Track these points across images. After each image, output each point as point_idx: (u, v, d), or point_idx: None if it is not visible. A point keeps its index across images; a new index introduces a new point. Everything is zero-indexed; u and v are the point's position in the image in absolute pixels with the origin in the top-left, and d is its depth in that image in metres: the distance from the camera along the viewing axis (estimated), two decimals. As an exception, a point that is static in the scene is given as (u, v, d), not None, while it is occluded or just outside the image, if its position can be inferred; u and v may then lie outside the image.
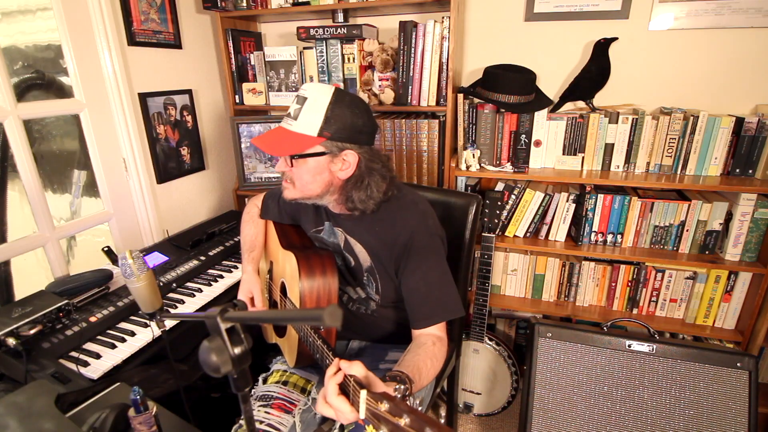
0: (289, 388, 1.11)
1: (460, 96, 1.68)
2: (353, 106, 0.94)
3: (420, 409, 0.59)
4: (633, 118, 1.57)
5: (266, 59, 1.91)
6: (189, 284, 1.47)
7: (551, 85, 1.79)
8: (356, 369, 0.70)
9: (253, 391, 1.12)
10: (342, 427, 0.99)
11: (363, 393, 0.63)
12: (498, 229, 1.70)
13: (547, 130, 1.67)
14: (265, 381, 1.17)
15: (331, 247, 1.15)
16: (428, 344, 0.95)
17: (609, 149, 1.63)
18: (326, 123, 0.92)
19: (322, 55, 1.78)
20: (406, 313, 1.03)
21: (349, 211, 1.03)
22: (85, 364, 1.10)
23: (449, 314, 1.00)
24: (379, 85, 1.78)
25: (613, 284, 1.75)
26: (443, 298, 1.01)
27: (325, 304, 1.04)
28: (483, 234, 1.58)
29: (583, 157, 1.66)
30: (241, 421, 1.04)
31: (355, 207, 1.00)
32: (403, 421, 0.55)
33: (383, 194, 1.00)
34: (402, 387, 0.73)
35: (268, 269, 1.35)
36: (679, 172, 1.59)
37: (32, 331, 1.11)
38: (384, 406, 0.59)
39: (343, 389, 0.69)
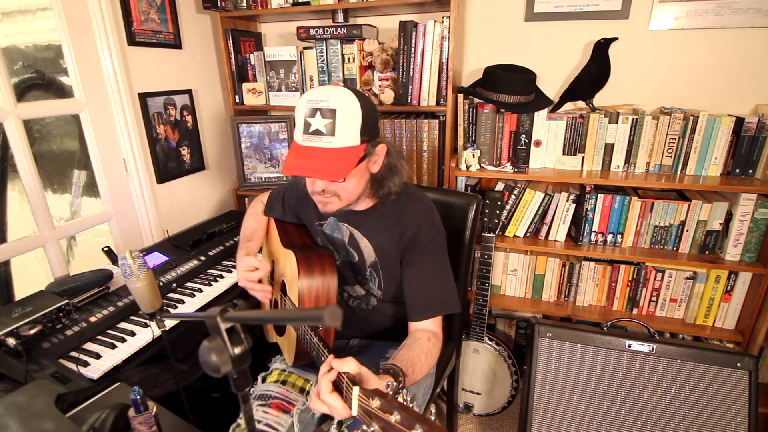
0: (287, 388, 1.11)
1: (460, 96, 1.68)
2: (368, 100, 0.95)
3: (413, 406, 0.60)
4: (633, 118, 1.57)
5: (266, 59, 1.91)
6: (189, 284, 1.47)
7: (551, 85, 1.78)
8: (348, 365, 0.70)
9: (251, 389, 1.12)
10: (340, 422, 0.99)
11: (355, 390, 0.64)
12: (498, 229, 1.70)
13: (547, 130, 1.67)
14: (264, 380, 1.17)
15: (335, 241, 1.15)
16: (423, 339, 0.96)
17: (609, 149, 1.63)
18: (364, 127, 0.91)
19: (322, 55, 1.78)
20: (405, 308, 1.04)
21: (383, 198, 1.04)
22: (85, 364, 1.10)
23: (446, 309, 1.02)
24: (379, 85, 1.78)
25: (613, 284, 1.75)
26: (441, 293, 1.03)
27: (324, 304, 1.04)
28: (483, 234, 1.58)
29: (583, 157, 1.66)
30: (240, 420, 1.04)
31: (390, 192, 1.03)
32: (394, 417, 0.56)
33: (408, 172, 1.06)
34: (394, 384, 0.74)
35: (270, 268, 1.35)
36: (679, 172, 1.59)
37: (32, 331, 1.11)
38: (375, 403, 0.59)
39: (337, 386, 0.70)
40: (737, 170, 1.55)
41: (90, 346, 1.17)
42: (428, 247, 1.03)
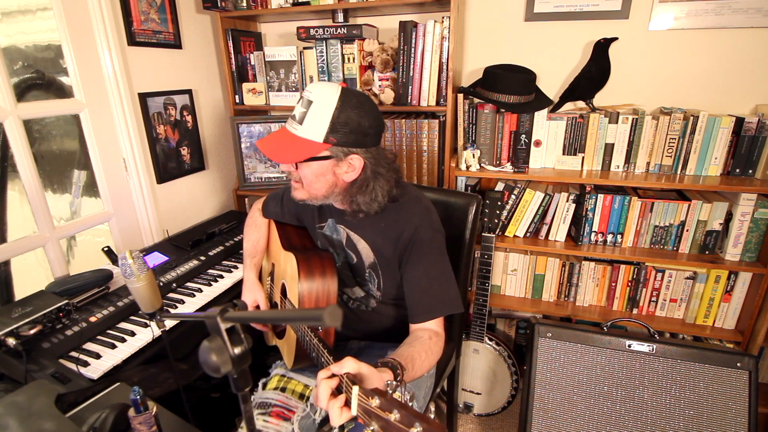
0: (287, 395, 1.11)
1: (460, 96, 1.68)
2: (360, 108, 0.92)
3: (412, 405, 0.60)
4: (633, 118, 1.57)
5: (266, 59, 1.91)
6: (189, 284, 1.47)
7: (551, 85, 1.78)
8: (348, 366, 0.70)
9: (252, 397, 1.12)
10: (342, 427, 0.99)
11: (355, 389, 0.64)
12: (498, 229, 1.70)
13: (547, 130, 1.67)
14: (264, 386, 1.17)
15: (334, 243, 1.15)
16: (424, 338, 0.96)
17: (609, 149, 1.63)
18: (332, 128, 0.91)
19: (322, 55, 1.78)
20: (405, 311, 1.04)
21: (353, 212, 1.03)
22: (85, 364, 1.10)
23: (448, 309, 1.01)
24: (379, 85, 1.78)
25: (613, 284, 1.75)
26: (443, 293, 1.02)
27: (324, 306, 1.04)
28: (483, 234, 1.58)
29: (583, 157, 1.66)
30: (241, 430, 1.04)
31: (359, 209, 1.01)
32: (393, 416, 0.56)
33: (387, 196, 1.01)
34: (393, 383, 0.74)
35: (270, 270, 1.35)
36: (679, 172, 1.59)
37: (32, 331, 1.11)
38: (375, 402, 0.59)
39: (337, 386, 0.70)
40: (737, 170, 1.55)
41: (90, 346, 1.17)
42: (426, 247, 1.02)
